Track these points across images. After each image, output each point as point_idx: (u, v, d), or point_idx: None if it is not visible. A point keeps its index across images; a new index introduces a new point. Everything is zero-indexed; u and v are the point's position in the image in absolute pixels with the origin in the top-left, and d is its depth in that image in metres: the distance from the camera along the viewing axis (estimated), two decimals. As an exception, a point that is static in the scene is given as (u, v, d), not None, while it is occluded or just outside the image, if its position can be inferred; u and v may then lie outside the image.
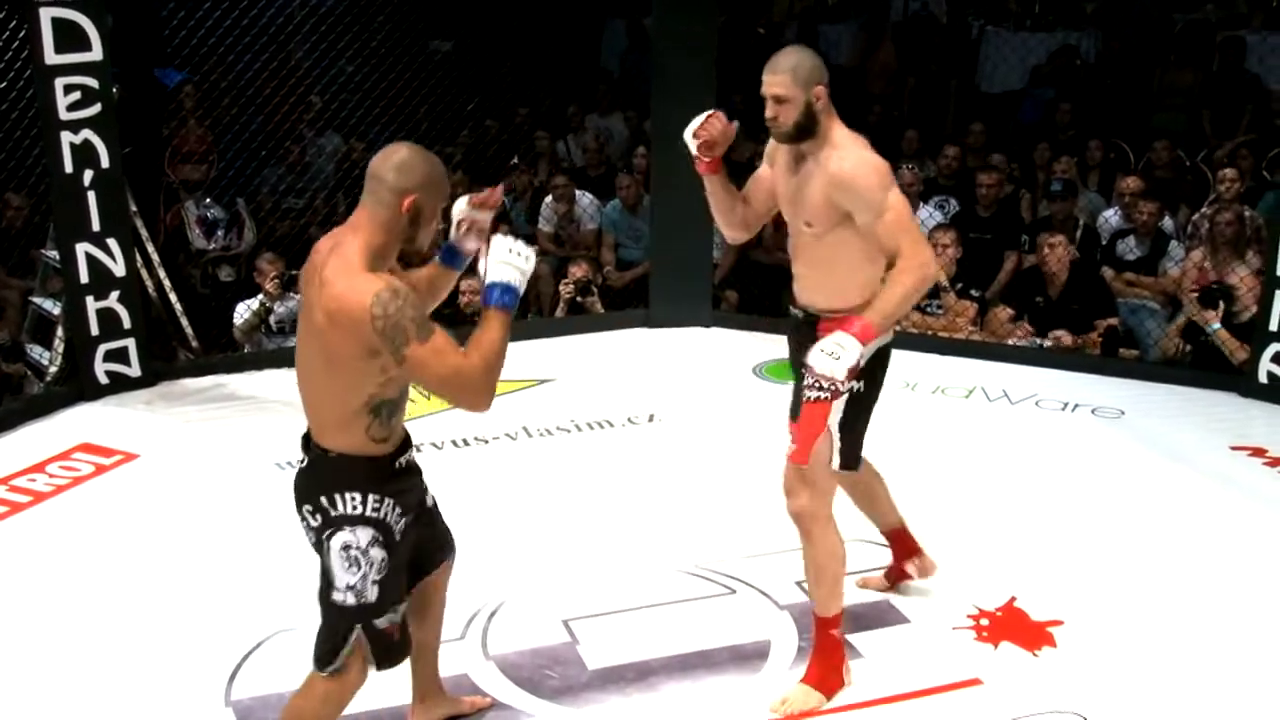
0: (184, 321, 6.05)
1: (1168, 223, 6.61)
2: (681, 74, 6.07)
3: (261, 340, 6.12)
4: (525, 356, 5.61)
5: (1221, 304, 5.67)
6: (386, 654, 2.79)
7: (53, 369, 5.63)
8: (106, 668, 3.54)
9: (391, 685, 3.40)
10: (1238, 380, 5.54)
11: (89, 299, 5.42)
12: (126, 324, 5.53)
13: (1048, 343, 5.97)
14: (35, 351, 5.79)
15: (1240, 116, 7.94)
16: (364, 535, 2.66)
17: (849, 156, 3.11)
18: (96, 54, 5.20)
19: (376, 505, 2.67)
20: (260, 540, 4.23)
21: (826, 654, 3.34)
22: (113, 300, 5.47)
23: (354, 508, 2.66)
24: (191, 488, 4.69)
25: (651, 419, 5.27)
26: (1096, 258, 6.47)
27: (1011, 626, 3.68)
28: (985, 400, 5.49)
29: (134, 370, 5.58)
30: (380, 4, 6.49)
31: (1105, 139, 7.72)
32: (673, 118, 6.09)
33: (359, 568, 2.67)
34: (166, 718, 3.32)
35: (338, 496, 2.67)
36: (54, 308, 5.73)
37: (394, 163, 2.55)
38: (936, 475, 4.70)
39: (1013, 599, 3.82)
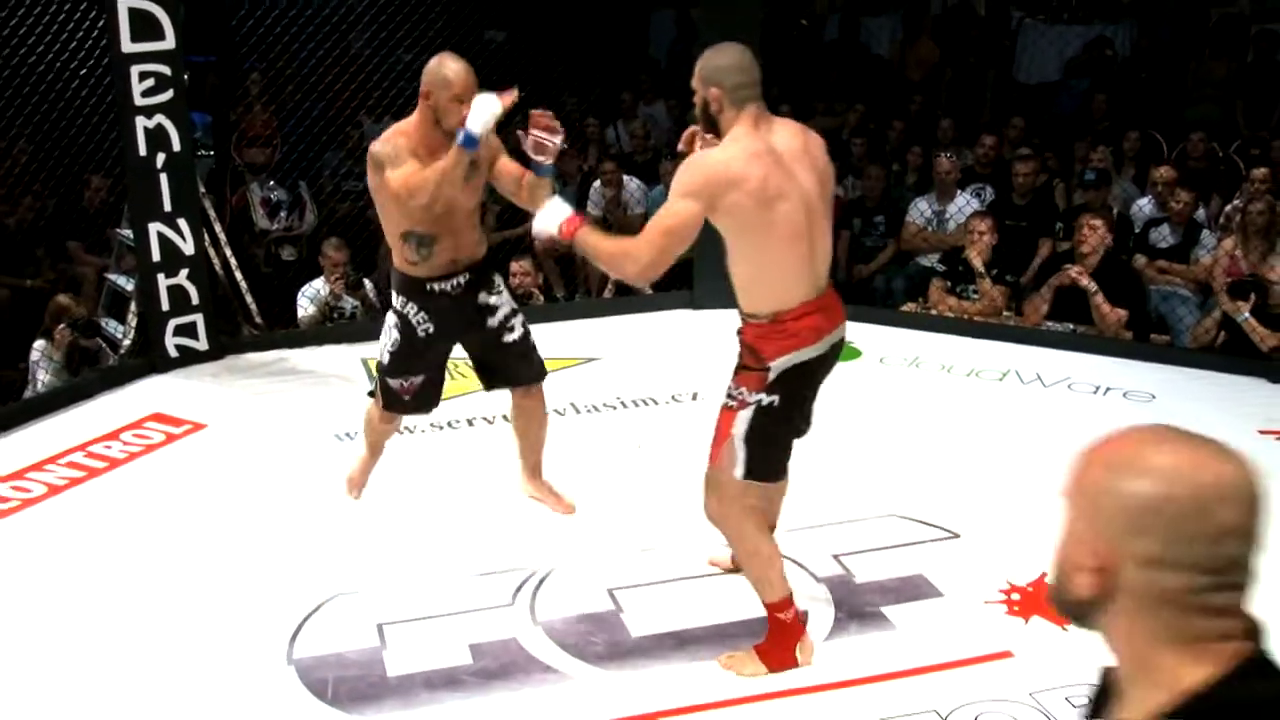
0: (248, 298, 6.10)
1: (1200, 212, 6.51)
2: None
3: (322, 318, 6.16)
4: (572, 336, 5.62)
5: (1253, 295, 5.59)
6: (391, 402, 3.86)
7: (126, 342, 5.69)
8: (176, 624, 3.58)
9: (432, 651, 3.43)
10: (1266, 366, 5.46)
11: (160, 276, 5.48)
12: (195, 300, 5.58)
13: (1081, 328, 5.91)
14: (111, 325, 5.86)
15: (1273, 108, 7.81)
16: (392, 320, 3.75)
17: (695, 155, 3.03)
18: (169, 43, 5.24)
19: (403, 306, 3.70)
20: (321, 507, 4.26)
21: (776, 635, 3.28)
22: (182, 278, 5.52)
23: (396, 303, 3.73)
24: (256, 456, 4.73)
25: (695, 397, 5.26)
26: (1129, 245, 6.38)
27: (1042, 602, 3.65)
28: (1019, 383, 5.44)
29: (202, 344, 5.63)
30: (437, -5, 6.50)
31: (1140, 129, 7.62)
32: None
33: (386, 338, 3.77)
34: (232, 674, 3.36)
35: (393, 294, 3.76)
36: (128, 284, 5.79)
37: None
38: (971, 455, 4.67)
39: (1043, 575, 3.78)
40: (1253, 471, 1.22)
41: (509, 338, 3.83)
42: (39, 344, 5.61)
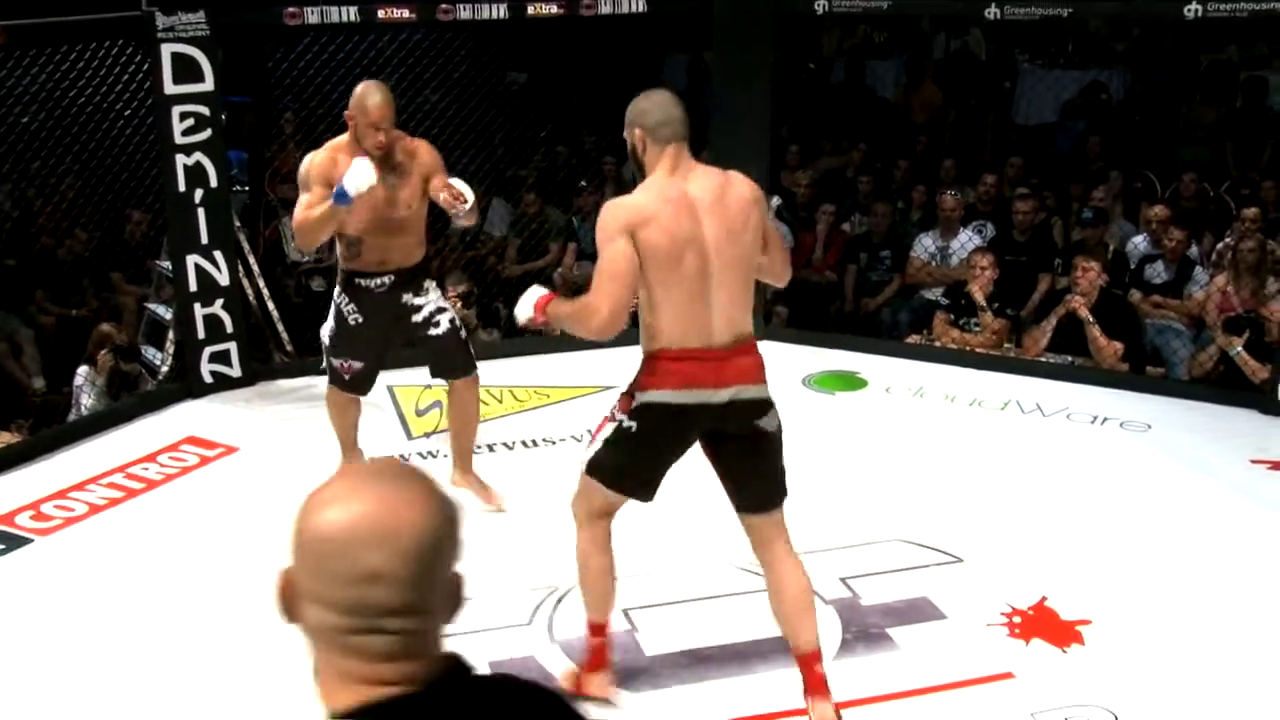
0: (280, 327, 6.12)
1: (1193, 249, 6.50)
2: (739, 105, 6.05)
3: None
4: (588, 365, 5.62)
5: (1247, 330, 5.57)
6: (335, 379, 4.17)
7: (164, 368, 5.70)
8: (208, 638, 3.58)
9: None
10: (1258, 398, 5.42)
11: (197, 306, 5.49)
12: (229, 329, 5.59)
13: (1079, 360, 5.88)
14: (149, 352, 5.88)
15: (1262, 151, 7.80)
16: (332, 308, 4.09)
17: (609, 201, 3.00)
18: (208, 85, 5.28)
19: (338, 295, 4.06)
20: (348, 528, 4.26)
21: (587, 654, 3.27)
22: (217, 307, 5.54)
23: (334, 293, 4.08)
24: (286, 479, 4.71)
25: (706, 424, 5.25)
26: (1125, 280, 6.37)
27: (1042, 624, 3.63)
28: (1020, 412, 5.42)
29: (235, 371, 5.64)
30: (462, 38, 6.53)
31: (1133, 170, 7.61)
32: (730, 145, 6.13)
33: (328, 323, 4.09)
34: (261, 688, 3.35)
35: (335, 287, 4.11)
36: (166, 313, 5.81)
37: None
38: (973, 482, 4.65)
39: (1044, 598, 3.76)
40: (431, 521, 1.17)
41: (433, 332, 4.10)
42: (82, 370, 5.63)
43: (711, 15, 5.99)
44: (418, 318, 4.08)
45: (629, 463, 2.99)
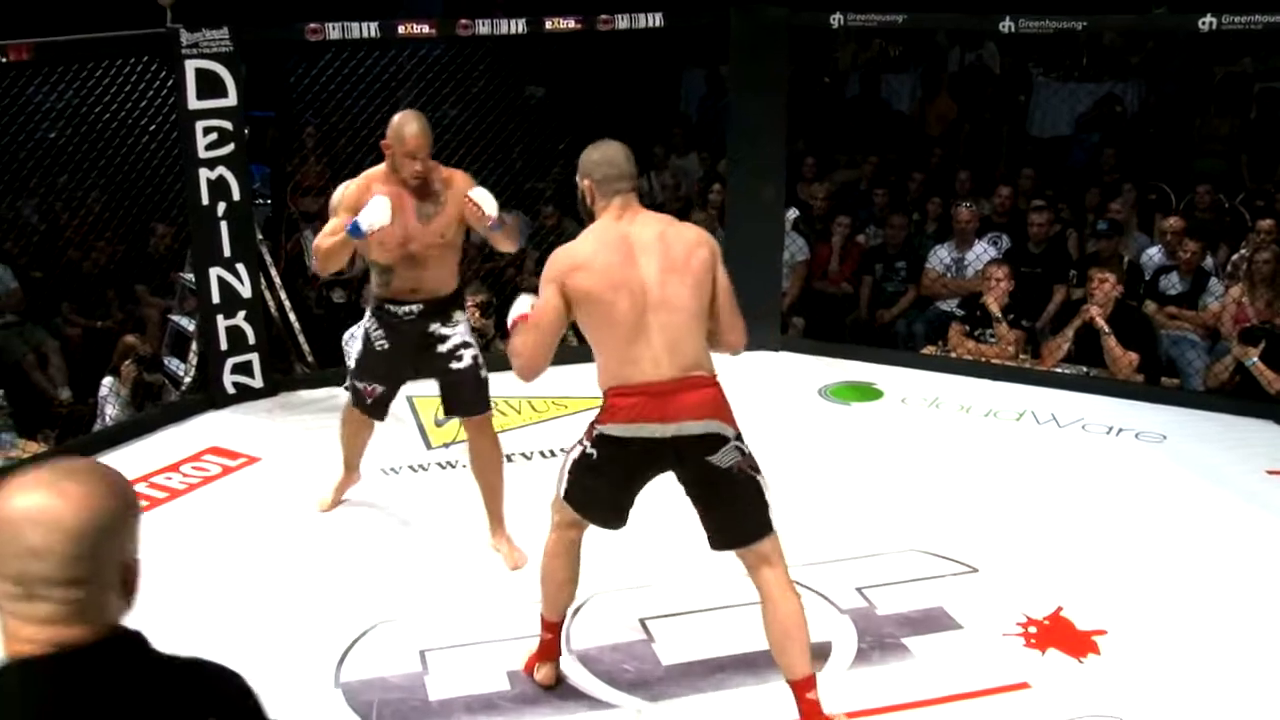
0: (301, 338, 6.14)
1: (1208, 261, 6.47)
2: (756, 118, 6.06)
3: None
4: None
5: (1263, 341, 5.54)
6: (356, 400, 4.15)
7: (187, 379, 5.73)
8: (229, 647, 3.57)
9: (472, 677, 3.42)
10: (1274, 409, 5.39)
11: (219, 317, 5.52)
12: (251, 340, 5.62)
13: (1094, 371, 5.86)
14: (173, 364, 5.91)
15: (1276, 162, 7.76)
16: (360, 331, 4.10)
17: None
18: (232, 100, 5.31)
19: (368, 320, 4.04)
20: (367, 537, 4.27)
21: (539, 649, 3.37)
22: (240, 319, 5.57)
23: (364, 317, 4.10)
24: (307, 489, 4.74)
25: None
26: (1140, 292, 6.34)
27: (1058, 634, 3.61)
28: (1035, 423, 5.40)
29: (257, 382, 5.67)
30: (481, 53, 6.55)
31: (1148, 182, 7.59)
32: (747, 158, 6.14)
33: (355, 346, 4.14)
34: (282, 696, 3.35)
35: (366, 310, 4.12)
36: (189, 325, 5.84)
37: None
38: (989, 492, 4.63)
39: (1059, 608, 3.74)
40: (99, 510, 1.39)
41: (455, 365, 4.00)
42: (107, 380, 5.66)
43: (728, 30, 6.00)
44: (442, 348, 3.98)
45: (592, 487, 3.05)
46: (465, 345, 4.00)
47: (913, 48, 9.91)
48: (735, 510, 3.00)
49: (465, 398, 4.04)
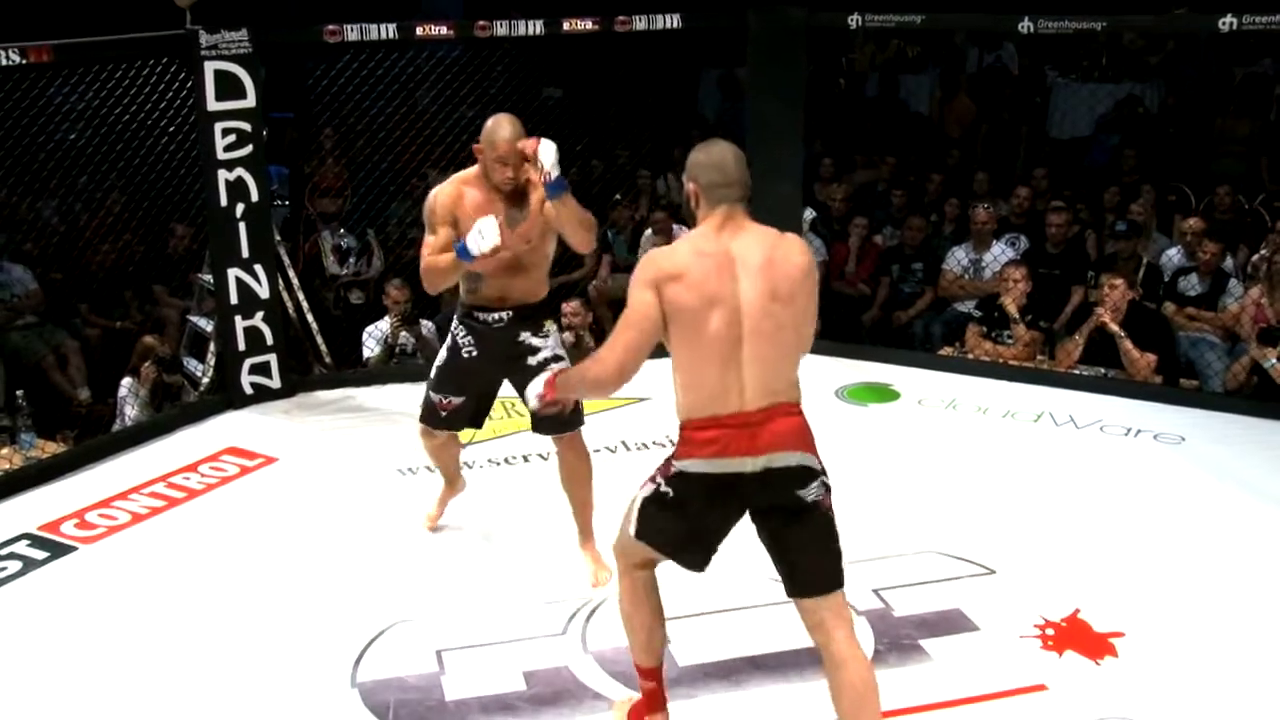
0: (319, 339, 6.16)
1: (1227, 262, 6.44)
2: (773, 119, 6.06)
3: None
4: (625, 376, 5.61)
5: (1281, 343, 5.52)
6: (427, 415, 3.98)
7: (205, 380, 5.76)
8: (247, 646, 3.60)
9: (488, 678, 3.42)
10: (1293, 411, 5.36)
11: (237, 318, 5.55)
12: (269, 341, 5.64)
13: (1112, 372, 5.83)
14: (191, 364, 5.94)
15: (1297, 164, 7.73)
16: (447, 341, 3.93)
17: (651, 250, 2.86)
18: (250, 101, 5.34)
19: (455, 328, 3.90)
20: (384, 538, 4.29)
21: (641, 698, 3.13)
22: (258, 320, 5.59)
23: (452, 326, 3.92)
24: (324, 489, 4.76)
25: (739, 435, 5.24)
26: (1159, 293, 6.31)
27: (1075, 636, 3.60)
28: (1053, 424, 5.37)
29: (275, 382, 5.69)
30: (499, 55, 6.57)
31: (1168, 183, 7.55)
32: (765, 159, 6.13)
33: (440, 357, 3.95)
34: (299, 695, 3.38)
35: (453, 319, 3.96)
36: (208, 326, 5.87)
37: None
38: (1006, 494, 4.61)
39: (1077, 610, 3.73)
40: None
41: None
42: (126, 381, 5.70)
43: (746, 31, 6.00)
44: (533, 360, 3.79)
45: (667, 529, 2.84)
46: (557, 359, 3.82)
47: (931, 48, 9.88)
48: (819, 549, 2.78)
49: (560, 415, 3.72)
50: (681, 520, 2.80)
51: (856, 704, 2.76)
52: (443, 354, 3.93)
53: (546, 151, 3.50)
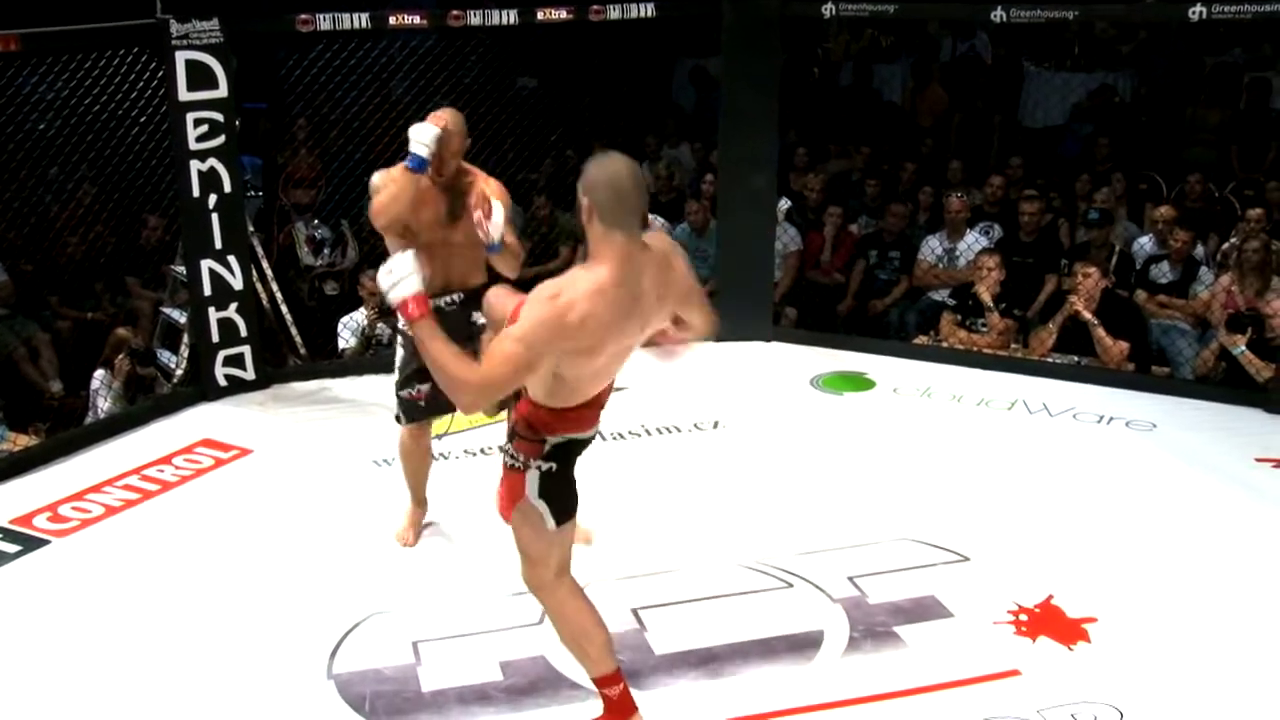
0: (294, 330, 6.13)
1: (1198, 249, 6.49)
2: (747, 108, 6.06)
3: (363, 348, 6.19)
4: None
5: (1250, 329, 5.56)
6: (407, 411, 4.04)
7: (179, 372, 5.72)
8: (223, 638, 3.59)
9: (465, 668, 3.42)
10: (1263, 397, 5.41)
11: (211, 310, 5.51)
12: (243, 332, 5.61)
13: (1085, 360, 5.88)
14: (164, 356, 5.90)
15: (1266, 152, 7.78)
16: (400, 339, 4.01)
17: (550, 288, 2.67)
18: (223, 92, 5.30)
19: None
20: (359, 530, 4.27)
21: (607, 711, 3.10)
22: (232, 311, 5.56)
23: (400, 322, 3.88)
24: (299, 481, 4.74)
25: (716, 426, 5.26)
26: (1131, 281, 6.36)
27: (1049, 622, 3.63)
28: (1026, 412, 5.41)
29: (249, 374, 5.66)
30: (472, 44, 6.54)
31: (1139, 171, 7.59)
32: (739, 148, 6.14)
33: (398, 356, 4.03)
34: (275, 687, 3.37)
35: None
36: (181, 317, 5.83)
37: None
38: (980, 481, 4.64)
39: (1050, 596, 3.76)
40: None
41: None
42: (99, 373, 5.65)
43: (720, 20, 6.00)
44: (486, 337, 3.99)
45: (570, 490, 2.97)
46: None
47: (905, 38, 9.89)
48: None
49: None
50: (568, 481, 2.97)
51: None
52: (400, 352, 4.04)
53: (497, 216, 3.69)
